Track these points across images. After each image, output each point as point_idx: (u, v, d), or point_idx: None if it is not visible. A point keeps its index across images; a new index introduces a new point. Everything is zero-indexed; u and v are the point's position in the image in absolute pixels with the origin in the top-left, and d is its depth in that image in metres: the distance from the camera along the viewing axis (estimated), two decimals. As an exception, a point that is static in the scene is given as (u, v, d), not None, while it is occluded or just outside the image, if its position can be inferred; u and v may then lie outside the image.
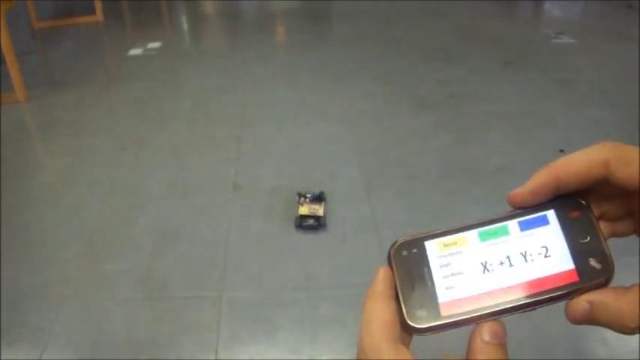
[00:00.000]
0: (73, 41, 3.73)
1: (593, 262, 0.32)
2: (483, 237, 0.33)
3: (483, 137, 2.42)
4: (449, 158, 2.27)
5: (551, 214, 0.34)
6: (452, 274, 0.33)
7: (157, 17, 4.43)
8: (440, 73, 3.05)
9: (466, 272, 0.33)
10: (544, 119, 2.56)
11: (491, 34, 3.65)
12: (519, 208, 0.34)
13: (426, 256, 0.33)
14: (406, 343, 0.32)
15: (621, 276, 0.33)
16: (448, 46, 3.45)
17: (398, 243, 0.34)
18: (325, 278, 1.66)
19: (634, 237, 0.36)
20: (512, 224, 0.34)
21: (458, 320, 0.31)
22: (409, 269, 0.33)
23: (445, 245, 0.33)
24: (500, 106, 2.70)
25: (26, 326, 1.52)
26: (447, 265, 0.33)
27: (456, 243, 0.33)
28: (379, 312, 0.32)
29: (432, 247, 0.34)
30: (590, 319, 0.31)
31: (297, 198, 1.91)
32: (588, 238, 0.33)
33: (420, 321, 0.32)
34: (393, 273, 0.33)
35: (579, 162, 0.33)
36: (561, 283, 0.32)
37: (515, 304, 0.31)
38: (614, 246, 0.34)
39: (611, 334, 1.44)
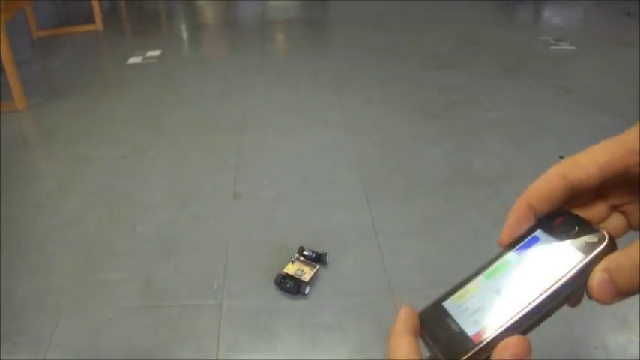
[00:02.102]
0: (73, 50, 3.74)
1: (587, 238, 0.34)
2: (489, 276, 0.36)
3: (483, 144, 2.42)
4: (449, 165, 2.27)
5: (539, 232, 0.36)
6: (473, 313, 0.34)
7: (157, 26, 4.45)
8: (440, 80, 3.06)
9: (485, 305, 0.34)
10: (544, 126, 2.56)
11: (490, 41, 3.65)
12: (512, 245, 0.37)
13: (447, 312, 0.36)
14: None
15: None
16: (448, 53, 3.46)
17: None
18: (326, 286, 1.65)
19: (631, 232, 0.37)
20: (511, 254, 0.36)
21: (489, 341, 0.32)
22: (435, 325, 0.35)
23: (460, 297, 0.36)
24: (500, 112, 2.70)
25: (25, 335, 1.51)
26: (465, 309, 0.35)
27: (468, 291, 0.36)
28: (404, 352, 0.33)
29: (449, 304, 0.36)
30: (616, 288, 0.31)
31: (297, 251, 1.72)
32: (576, 228, 0.35)
33: (457, 355, 0.33)
34: (422, 335, 0.35)
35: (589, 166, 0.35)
36: (571, 266, 0.33)
37: (537, 302, 0.32)
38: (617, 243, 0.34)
39: (610, 340, 1.44)
